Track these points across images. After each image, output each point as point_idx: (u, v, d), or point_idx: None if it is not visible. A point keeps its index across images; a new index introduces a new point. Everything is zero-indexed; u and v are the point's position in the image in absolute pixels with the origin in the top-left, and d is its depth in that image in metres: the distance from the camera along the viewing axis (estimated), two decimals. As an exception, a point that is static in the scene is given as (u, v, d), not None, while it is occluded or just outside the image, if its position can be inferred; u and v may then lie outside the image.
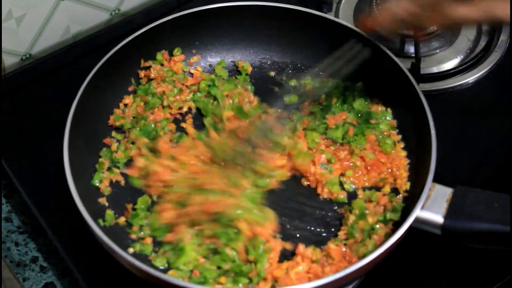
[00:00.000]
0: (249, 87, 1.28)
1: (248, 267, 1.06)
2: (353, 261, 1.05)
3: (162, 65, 1.29)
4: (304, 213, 1.15)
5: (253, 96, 1.27)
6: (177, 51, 1.30)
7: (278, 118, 1.20)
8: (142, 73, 1.28)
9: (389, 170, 1.16)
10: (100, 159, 1.18)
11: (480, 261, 1.14)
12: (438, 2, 1.02)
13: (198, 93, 1.27)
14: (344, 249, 1.08)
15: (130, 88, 1.27)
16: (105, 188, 1.15)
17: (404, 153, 1.18)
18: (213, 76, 1.29)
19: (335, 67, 1.17)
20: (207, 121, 1.24)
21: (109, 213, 1.12)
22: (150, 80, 1.27)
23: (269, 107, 1.25)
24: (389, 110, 1.23)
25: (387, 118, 1.22)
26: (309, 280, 1.04)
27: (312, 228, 1.13)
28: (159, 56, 1.29)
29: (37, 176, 1.24)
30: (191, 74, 1.30)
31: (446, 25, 1.08)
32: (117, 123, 1.22)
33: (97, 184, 1.15)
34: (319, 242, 1.10)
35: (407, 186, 1.14)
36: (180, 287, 0.99)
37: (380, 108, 1.23)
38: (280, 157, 1.17)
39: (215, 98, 1.26)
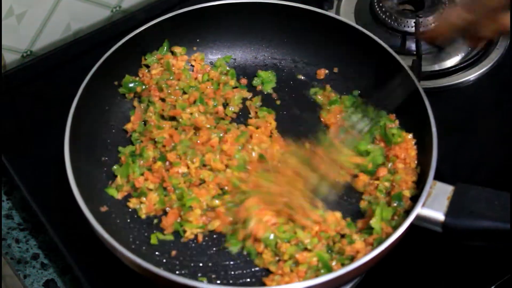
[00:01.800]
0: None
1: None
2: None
3: (162, 67, 1.28)
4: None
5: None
6: (182, 51, 1.30)
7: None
8: (142, 72, 1.28)
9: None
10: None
11: (480, 260, 1.14)
12: (494, 10, 1.02)
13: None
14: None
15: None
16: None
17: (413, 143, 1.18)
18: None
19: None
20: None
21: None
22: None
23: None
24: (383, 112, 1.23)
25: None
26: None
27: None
28: (153, 56, 1.28)
29: (37, 173, 1.24)
30: (192, 67, 1.30)
31: (501, 33, 1.08)
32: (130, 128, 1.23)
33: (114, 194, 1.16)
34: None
35: (413, 190, 1.13)
36: (181, 285, 0.99)
37: (374, 110, 1.23)
38: None
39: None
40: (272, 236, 1.08)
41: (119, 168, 1.17)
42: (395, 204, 1.09)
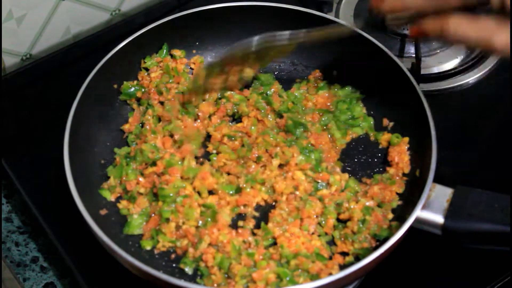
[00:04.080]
0: None
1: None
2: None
3: (161, 70, 1.28)
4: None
5: None
6: (181, 54, 1.30)
7: None
8: (141, 75, 1.28)
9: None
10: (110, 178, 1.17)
11: (480, 261, 1.14)
12: (446, 8, 0.99)
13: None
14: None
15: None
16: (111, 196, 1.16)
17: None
18: None
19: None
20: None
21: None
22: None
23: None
24: (370, 118, 1.25)
25: (370, 122, 1.24)
26: None
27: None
28: (151, 59, 1.28)
29: (37, 176, 1.24)
30: (191, 70, 1.30)
31: (441, 37, 1.00)
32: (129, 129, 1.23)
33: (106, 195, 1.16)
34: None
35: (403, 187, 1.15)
36: (180, 287, 0.99)
37: (363, 112, 1.25)
38: None
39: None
40: (220, 259, 1.06)
41: (112, 169, 1.17)
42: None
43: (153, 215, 1.12)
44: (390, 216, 1.12)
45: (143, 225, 1.11)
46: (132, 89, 1.25)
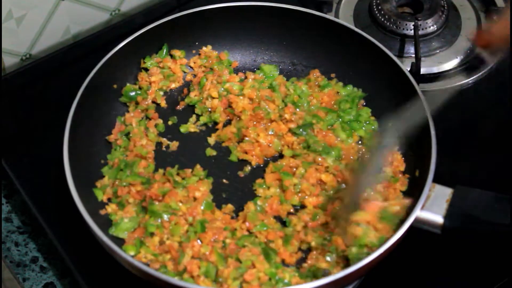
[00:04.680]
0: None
1: None
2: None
3: (160, 68, 1.28)
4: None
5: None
6: (181, 54, 1.30)
7: None
8: (141, 75, 1.28)
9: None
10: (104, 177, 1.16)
11: (480, 261, 1.14)
12: None
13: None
14: None
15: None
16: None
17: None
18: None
19: None
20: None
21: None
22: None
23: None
24: (372, 118, 1.24)
25: (373, 126, 1.23)
26: None
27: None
28: (150, 59, 1.28)
29: (37, 176, 1.24)
30: (191, 68, 1.30)
31: None
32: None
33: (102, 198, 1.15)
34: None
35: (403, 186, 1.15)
36: (179, 287, 0.99)
37: (365, 114, 1.24)
38: None
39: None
40: (210, 267, 1.04)
41: (108, 170, 1.16)
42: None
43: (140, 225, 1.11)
44: None
45: (129, 232, 1.09)
46: (133, 93, 1.24)
